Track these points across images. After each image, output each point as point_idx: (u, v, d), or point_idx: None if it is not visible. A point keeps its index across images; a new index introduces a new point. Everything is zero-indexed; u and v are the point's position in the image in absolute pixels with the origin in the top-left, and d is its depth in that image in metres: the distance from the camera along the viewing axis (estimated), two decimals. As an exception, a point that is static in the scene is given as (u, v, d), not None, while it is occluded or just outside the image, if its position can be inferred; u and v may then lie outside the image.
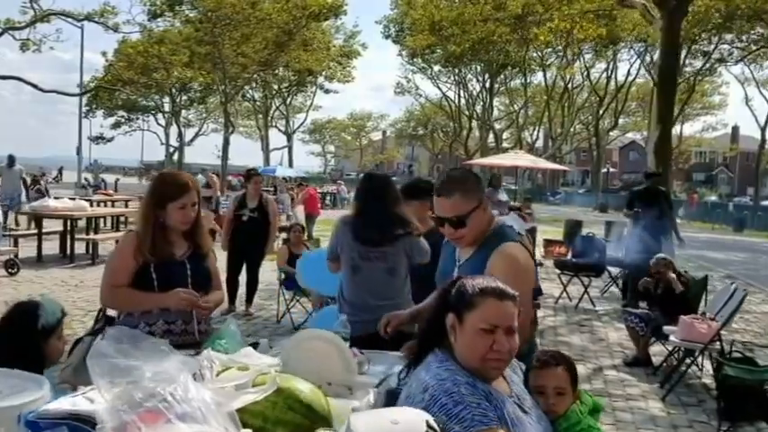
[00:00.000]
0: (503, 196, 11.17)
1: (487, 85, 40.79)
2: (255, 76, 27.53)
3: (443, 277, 2.52)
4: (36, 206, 11.49)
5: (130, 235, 2.86)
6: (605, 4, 16.84)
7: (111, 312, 2.97)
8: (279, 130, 47.04)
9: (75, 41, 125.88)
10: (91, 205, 12.72)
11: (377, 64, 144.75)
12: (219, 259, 3.52)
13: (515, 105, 48.74)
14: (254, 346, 2.50)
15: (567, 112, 42.28)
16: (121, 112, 47.43)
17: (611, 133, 50.67)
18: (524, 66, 36.13)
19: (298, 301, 7.43)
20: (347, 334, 2.73)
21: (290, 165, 49.74)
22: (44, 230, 11.25)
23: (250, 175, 7.93)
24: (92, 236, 11.37)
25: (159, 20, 26.68)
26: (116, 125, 48.46)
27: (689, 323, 5.52)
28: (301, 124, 51.35)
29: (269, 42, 25.24)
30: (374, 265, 3.47)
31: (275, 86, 34.82)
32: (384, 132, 77.21)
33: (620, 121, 47.85)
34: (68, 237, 10.93)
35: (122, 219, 13.43)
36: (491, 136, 44.89)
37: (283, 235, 13.66)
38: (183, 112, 44.36)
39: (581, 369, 5.31)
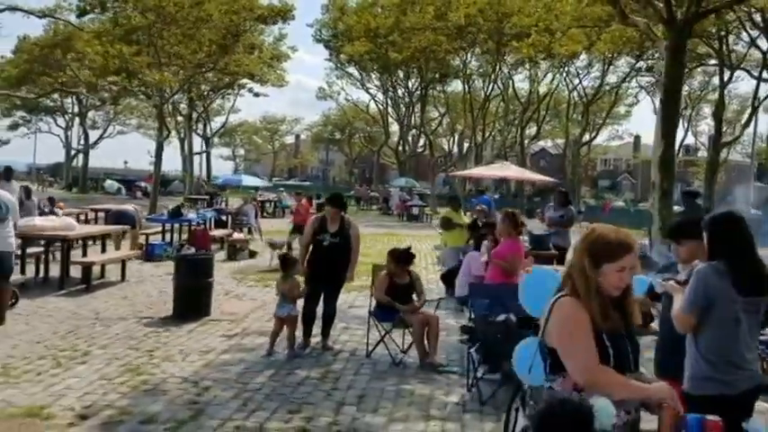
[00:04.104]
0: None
1: (422, 93, 41.02)
2: (194, 78, 26.17)
3: None
4: (21, 225, 10.20)
5: (574, 303, 2.47)
6: (592, 20, 17.26)
7: None
8: (197, 134, 45.00)
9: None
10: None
11: (294, 67, 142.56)
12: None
13: (435, 113, 49.61)
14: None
15: (495, 118, 43.39)
16: (21, 113, 43.97)
17: (526, 141, 52.44)
18: (465, 75, 36.68)
19: (388, 333, 6.94)
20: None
21: (209, 170, 47.96)
22: (27, 252, 10.11)
23: (332, 198, 7.36)
24: (91, 258, 10.27)
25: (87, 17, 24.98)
26: (13, 126, 44.88)
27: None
28: (222, 128, 49.59)
29: (213, 44, 24.08)
30: (753, 317, 3.27)
31: (204, 89, 33.32)
32: (297, 136, 76.17)
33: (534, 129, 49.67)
34: (51, 258, 9.78)
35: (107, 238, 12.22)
36: (420, 142, 45.33)
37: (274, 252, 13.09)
38: (90, 113, 41.56)
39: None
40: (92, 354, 6.45)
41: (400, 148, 45.63)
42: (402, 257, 6.97)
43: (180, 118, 30.95)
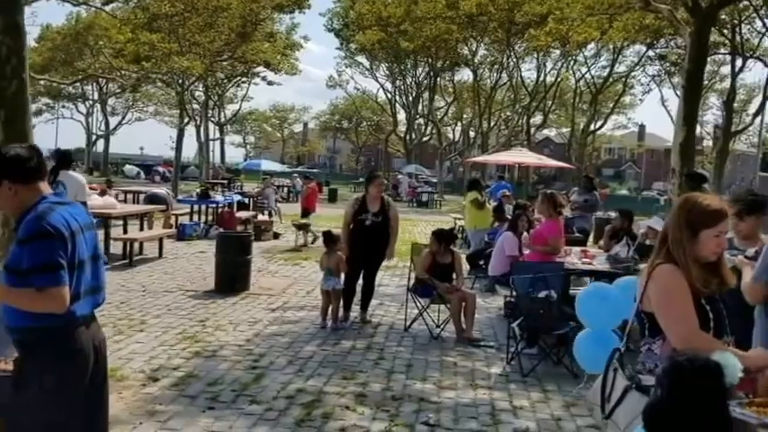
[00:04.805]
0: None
1: (431, 81, 41.15)
2: (213, 66, 26.35)
3: None
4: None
5: (674, 271, 2.60)
6: (606, 8, 17.32)
7: None
8: (211, 121, 45.24)
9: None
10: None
11: (302, 58, 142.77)
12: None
13: (442, 102, 49.72)
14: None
15: (501, 107, 43.51)
16: (45, 99, 44.36)
17: (532, 130, 52.63)
18: (474, 64, 36.77)
19: (426, 310, 7.21)
20: None
21: (223, 156, 48.24)
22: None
23: (371, 177, 7.59)
24: (131, 235, 10.59)
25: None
26: (37, 113, 45.25)
27: None
28: (234, 115, 49.81)
29: (232, 32, 24.25)
30: None
31: (219, 76, 33.53)
32: (305, 124, 76.33)
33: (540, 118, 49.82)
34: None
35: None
36: (426, 130, 45.52)
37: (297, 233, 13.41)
38: (110, 100, 41.94)
39: None
40: (147, 323, 6.75)
41: (407, 136, 45.75)
42: (445, 237, 7.23)
43: (196, 105, 31.22)
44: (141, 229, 11.50)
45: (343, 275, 7.33)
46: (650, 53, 35.06)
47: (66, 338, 2.50)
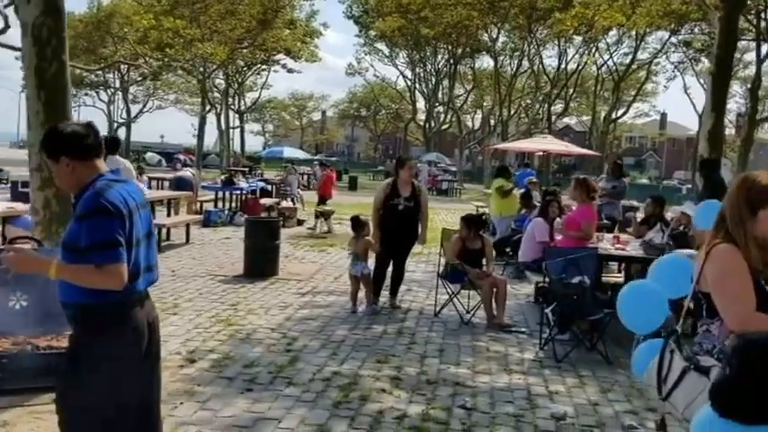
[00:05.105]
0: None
1: (451, 68, 40.92)
2: (234, 53, 26.43)
3: None
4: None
5: (732, 250, 2.54)
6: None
7: None
8: (231, 109, 45.44)
9: None
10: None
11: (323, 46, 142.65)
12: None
13: (462, 90, 49.41)
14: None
15: (521, 94, 43.18)
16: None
17: (553, 118, 52.25)
18: (495, 51, 36.49)
19: (456, 295, 7.18)
20: None
21: (243, 144, 48.41)
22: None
23: (403, 161, 7.56)
24: (159, 221, 10.64)
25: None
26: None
27: None
28: (254, 103, 49.93)
29: (253, 19, 24.28)
30: None
31: (239, 64, 33.63)
32: (324, 113, 76.38)
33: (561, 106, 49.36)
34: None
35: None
36: (445, 118, 45.32)
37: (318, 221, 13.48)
38: (131, 88, 42.20)
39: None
40: (180, 306, 6.81)
41: (427, 124, 45.59)
42: (475, 222, 7.19)
43: (217, 94, 31.38)
44: (168, 214, 11.58)
45: (371, 260, 7.32)
46: (673, 39, 34.60)
47: (122, 315, 2.51)
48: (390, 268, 7.50)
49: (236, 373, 4.96)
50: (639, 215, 10.64)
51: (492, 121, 45.50)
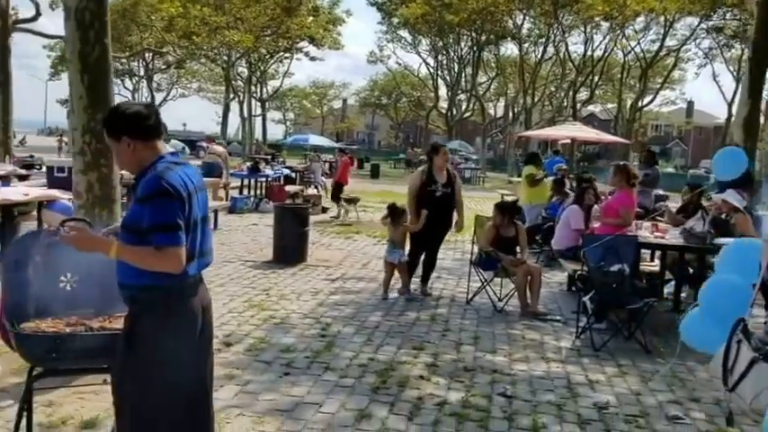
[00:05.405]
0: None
1: (475, 55, 40.55)
2: (259, 41, 26.43)
3: None
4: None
5: None
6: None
7: None
8: (253, 97, 45.61)
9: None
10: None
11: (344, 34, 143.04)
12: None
13: (485, 77, 48.96)
14: None
15: (546, 82, 42.68)
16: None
17: (578, 105, 51.62)
18: (519, 37, 36.07)
19: (488, 283, 7.08)
20: None
21: (264, 132, 48.51)
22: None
23: (437, 147, 7.47)
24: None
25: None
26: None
27: None
28: (276, 91, 49.96)
29: (277, 6, 24.23)
30: None
31: (262, 52, 33.62)
32: (344, 101, 76.24)
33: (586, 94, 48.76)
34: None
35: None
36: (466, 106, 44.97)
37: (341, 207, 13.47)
38: (155, 76, 42.46)
39: None
40: (213, 290, 6.71)
41: (449, 112, 45.30)
42: (509, 210, 7.09)
43: (240, 82, 31.41)
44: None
45: (407, 248, 7.26)
46: (703, 25, 33.91)
47: (178, 298, 2.49)
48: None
49: (272, 358, 4.93)
50: (671, 204, 10.44)
51: (515, 109, 45.09)
